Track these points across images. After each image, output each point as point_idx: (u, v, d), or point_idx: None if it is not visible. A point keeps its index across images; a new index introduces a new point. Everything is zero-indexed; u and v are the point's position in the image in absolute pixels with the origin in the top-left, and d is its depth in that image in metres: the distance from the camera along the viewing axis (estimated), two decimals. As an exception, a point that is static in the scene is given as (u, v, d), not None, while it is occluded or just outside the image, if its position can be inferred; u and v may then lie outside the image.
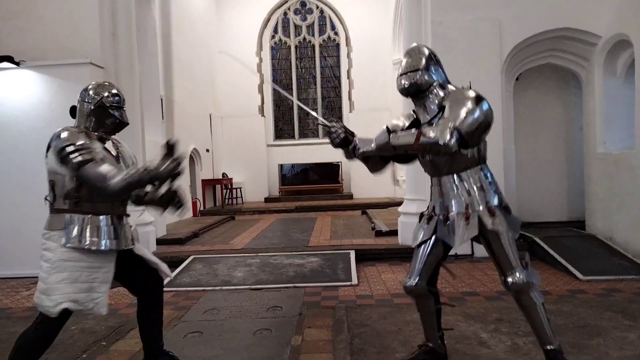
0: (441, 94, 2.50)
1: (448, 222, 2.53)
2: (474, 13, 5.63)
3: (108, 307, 2.50)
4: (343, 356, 2.93)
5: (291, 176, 13.62)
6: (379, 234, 6.86)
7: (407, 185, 6.27)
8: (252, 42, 13.83)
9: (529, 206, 6.60)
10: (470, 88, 2.48)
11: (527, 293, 2.43)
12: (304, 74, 14.34)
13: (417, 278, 2.59)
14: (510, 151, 5.96)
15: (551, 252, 5.16)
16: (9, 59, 5.40)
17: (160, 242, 6.67)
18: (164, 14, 8.98)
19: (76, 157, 2.36)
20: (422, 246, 2.63)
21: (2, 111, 5.55)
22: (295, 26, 14.22)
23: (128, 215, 2.68)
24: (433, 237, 2.60)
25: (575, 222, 6.47)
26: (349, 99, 13.89)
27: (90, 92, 2.61)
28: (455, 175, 2.51)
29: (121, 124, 2.67)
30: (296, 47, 14.28)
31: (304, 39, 14.25)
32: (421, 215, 2.77)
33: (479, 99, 2.35)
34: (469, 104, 2.32)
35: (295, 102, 5.00)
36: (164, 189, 2.55)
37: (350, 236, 7.09)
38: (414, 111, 2.71)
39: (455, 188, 2.51)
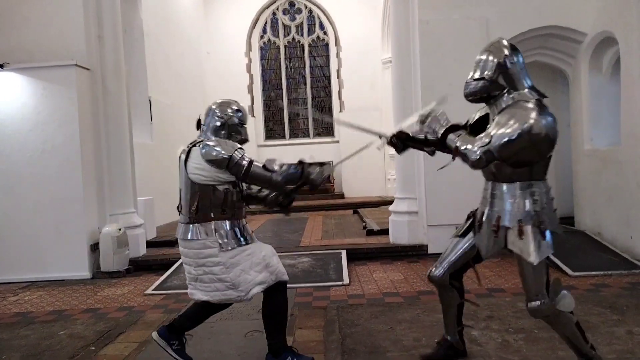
0: (507, 101, 2.37)
1: (481, 229, 2.51)
2: (461, 12, 5.65)
3: (286, 274, 2.80)
4: (334, 356, 2.92)
5: (282, 177, 13.55)
6: (370, 233, 6.86)
7: (397, 184, 6.28)
8: (241, 42, 13.77)
9: (519, 203, 6.63)
10: (540, 100, 2.35)
11: (552, 318, 2.36)
12: (294, 74, 14.31)
13: (442, 270, 2.64)
14: (499, 149, 5.99)
15: (541, 248, 5.19)
16: (-7, 62, 5.32)
17: (150, 244, 6.61)
18: (151, 14, 8.91)
19: (244, 160, 2.58)
20: (459, 241, 2.65)
21: (-13, 114, 5.47)
22: (284, 26, 14.19)
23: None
24: (469, 236, 2.62)
25: (563, 218, 6.51)
26: (339, 98, 13.89)
27: (217, 112, 2.84)
28: (502, 184, 2.40)
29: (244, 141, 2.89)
30: (285, 47, 14.25)
31: (293, 38, 14.22)
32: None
33: (531, 119, 2.19)
34: (516, 124, 2.19)
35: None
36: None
37: (341, 236, 7.08)
38: None
39: (496, 197, 2.42)
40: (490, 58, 2.43)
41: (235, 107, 2.84)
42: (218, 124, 2.77)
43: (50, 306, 4.45)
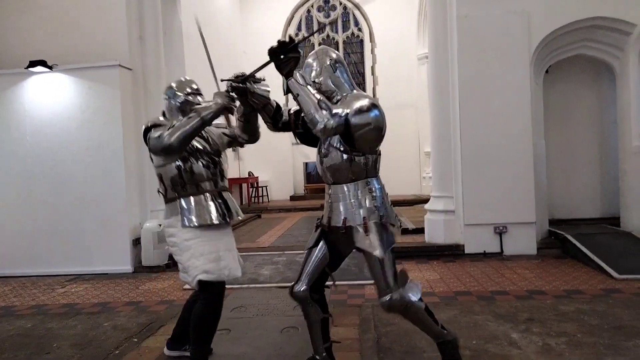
0: (338, 97, 2.44)
1: (331, 235, 2.52)
2: (501, 5, 5.49)
3: (241, 270, 2.78)
4: (370, 355, 2.92)
5: (316, 174, 13.60)
6: (406, 231, 6.80)
7: (434, 182, 6.19)
8: (276, 40, 13.88)
9: (560, 202, 6.41)
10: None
11: (406, 309, 2.39)
12: (328, 71, 14.31)
13: (303, 285, 2.54)
14: (540, 146, 5.80)
15: (584, 249, 5.01)
16: (43, 63, 5.57)
17: (188, 240, 6.77)
18: (190, 16, 9.10)
19: (150, 135, 2.58)
20: (312, 251, 2.58)
21: (37, 114, 5.74)
22: (319, 23, 14.21)
23: (229, 191, 2.88)
24: (321, 245, 2.57)
25: (609, 219, 6.25)
26: (374, 95, 13.79)
27: (176, 90, 2.83)
28: (342, 186, 2.43)
29: None
30: (320, 44, 14.27)
31: (328, 35, 14.23)
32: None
33: (372, 104, 2.32)
34: (363, 102, 2.30)
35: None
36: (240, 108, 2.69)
37: (376, 234, 7.04)
38: None
39: (340, 199, 2.44)
40: (318, 63, 2.48)
41: (194, 86, 2.89)
42: (178, 103, 2.80)
43: (95, 298, 4.64)
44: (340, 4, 14.03)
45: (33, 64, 5.56)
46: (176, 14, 6.97)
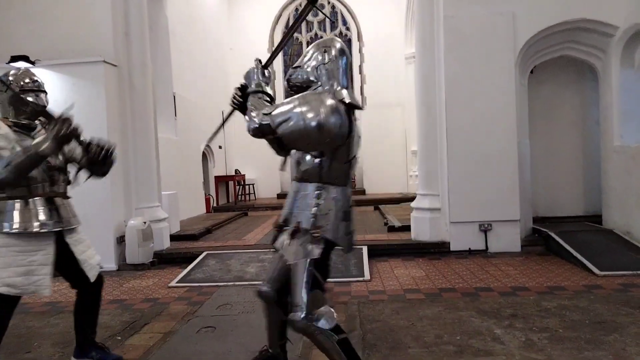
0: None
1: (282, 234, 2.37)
2: (487, 6, 5.55)
3: (50, 289, 2.54)
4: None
5: (304, 172, 13.62)
6: (392, 229, 6.83)
7: (420, 181, 6.23)
8: (264, 38, 13.83)
9: (544, 201, 6.51)
10: (344, 101, 2.16)
11: (310, 335, 2.17)
12: (316, 70, 14.31)
13: (269, 287, 2.46)
14: (524, 145, 5.88)
15: (567, 246, 5.09)
16: (25, 59, 5.47)
17: (173, 238, 6.73)
18: (176, 12, 9.03)
19: None
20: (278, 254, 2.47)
21: (19, 110, 5.63)
22: (307, 22, 14.19)
23: (67, 197, 2.76)
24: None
25: (591, 217, 6.37)
26: (361, 94, 13.82)
27: (10, 82, 2.57)
28: (296, 183, 2.31)
29: (40, 109, 2.59)
30: (308, 43, 14.25)
31: (316, 34, 14.22)
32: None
33: (319, 107, 2.08)
34: (301, 103, 2.11)
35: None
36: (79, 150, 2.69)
37: (362, 231, 7.06)
38: None
39: (291, 197, 2.32)
40: (314, 51, 2.35)
41: (34, 77, 2.61)
42: (8, 96, 2.53)
43: (78, 296, 4.57)
44: (329, 3, 14.03)
45: (15, 59, 5.45)
46: (162, 10, 6.91)
